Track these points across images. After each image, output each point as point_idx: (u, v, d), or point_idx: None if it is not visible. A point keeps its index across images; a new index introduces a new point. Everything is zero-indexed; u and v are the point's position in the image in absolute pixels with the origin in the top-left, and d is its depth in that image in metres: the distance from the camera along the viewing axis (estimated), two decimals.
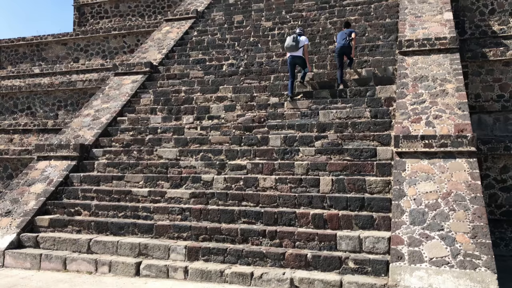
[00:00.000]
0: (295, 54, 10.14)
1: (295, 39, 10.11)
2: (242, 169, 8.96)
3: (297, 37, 10.21)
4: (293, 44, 10.05)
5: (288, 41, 10.19)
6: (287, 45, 10.17)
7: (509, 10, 12.37)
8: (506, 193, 8.70)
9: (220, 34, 14.32)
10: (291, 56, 10.19)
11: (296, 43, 10.07)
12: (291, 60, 10.18)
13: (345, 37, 10.44)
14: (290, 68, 10.17)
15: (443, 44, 10.04)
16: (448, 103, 8.53)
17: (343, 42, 10.34)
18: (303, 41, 10.18)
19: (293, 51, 10.12)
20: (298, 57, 10.17)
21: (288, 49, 10.19)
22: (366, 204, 7.45)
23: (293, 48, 10.07)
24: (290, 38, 10.20)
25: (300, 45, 10.14)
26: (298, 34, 10.33)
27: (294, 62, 10.19)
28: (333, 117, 9.64)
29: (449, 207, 6.67)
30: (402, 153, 7.78)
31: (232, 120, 10.40)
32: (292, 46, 10.06)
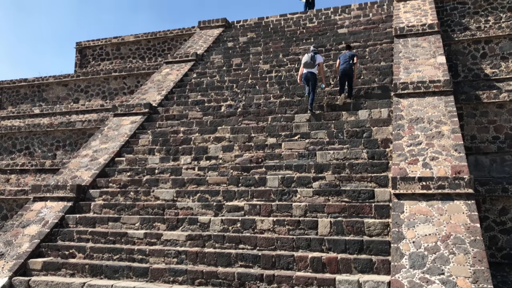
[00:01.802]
0: (311, 71, 10.99)
1: (312, 57, 11.02)
2: (239, 211, 8.89)
3: (314, 55, 11.10)
4: (310, 62, 10.97)
5: (306, 58, 11.07)
6: (305, 61, 11.03)
7: (500, 54, 12.72)
8: (506, 236, 8.61)
9: (219, 76, 14.61)
10: (307, 72, 11.02)
11: (313, 61, 11.01)
12: (306, 75, 11.02)
13: (347, 60, 11.17)
14: (306, 82, 11.07)
15: (438, 87, 10.24)
16: (444, 144, 8.60)
17: (346, 65, 11.07)
18: (319, 59, 11.14)
19: (309, 68, 11.00)
20: (312, 73, 11.00)
21: (305, 66, 11.05)
22: (365, 247, 7.34)
23: (310, 65, 10.99)
24: (308, 56, 11.09)
25: (316, 62, 11.05)
26: (314, 53, 11.18)
27: (309, 77, 11.00)
28: (330, 158, 9.68)
29: (449, 251, 6.58)
30: (400, 194, 7.77)
31: (230, 161, 10.42)
32: (310, 63, 10.97)
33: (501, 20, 14.54)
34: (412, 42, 12.91)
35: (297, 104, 11.95)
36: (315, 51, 11.28)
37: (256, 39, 17.06)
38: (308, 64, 11.05)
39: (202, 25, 19.18)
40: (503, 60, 12.70)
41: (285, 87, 12.90)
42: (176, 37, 19.66)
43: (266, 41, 16.51)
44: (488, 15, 14.81)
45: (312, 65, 11.03)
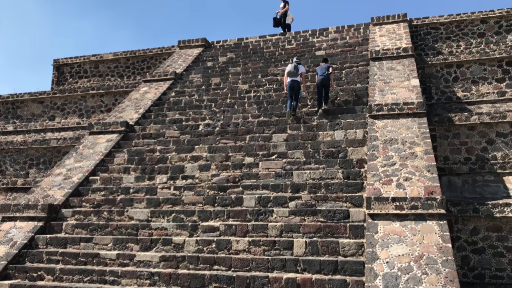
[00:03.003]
0: (295, 79, 11.90)
1: (295, 67, 11.97)
2: (215, 231, 8.79)
3: (297, 65, 12.04)
4: (294, 71, 11.92)
5: (290, 68, 12.03)
6: (289, 71, 11.96)
7: (471, 78, 13.14)
8: (478, 255, 8.73)
9: (198, 95, 14.63)
10: (291, 80, 11.88)
11: (296, 70, 11.94)
12: (291, 83, 11.86)
13: (324, 71, 12.02)
14: (290, 90, 11.87)
15: (411, 109, 10.47)
16: (417, 165, 8.75)
17: (323, 75, 11.92)
18: (302, 69, 12.12)
19: (293, 77, 11.91)
20: (296, 81, 11.90)
21: (289, 75, 11.96)
22: (340, 268, 7.33)
23: (294, 74, 11.92)
24: (291, 65, 12.04)
25: (299, 72, 11.99)
26: (297, 63, 12.12)
27: (293, 85, 11.85)
28: (307, 178, 9.72)
29: (422, 271, 6.63)
30: (374, 215, 7.83)
31: (206, 180, 10.35)
32: (294, 72, 11.92)
33: (472, 46, 15.07)
34: (387, 65, 13.23)
35: (275, 124, 12.03)
36: (298, 62, 12.22)
37: (236, 59, 17.22)
38: (292, 73, 11.91)
39: (182, 45, 19.28)
40: (474, 84, 13.11)
41: (263, 107, 12.99)
42: (155, 56, 19.68)
43: (245, 62, 16.67)
44: (459, 40, 15.34)
45: (296, 74, 11.91)
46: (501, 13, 14.93)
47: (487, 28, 15.11)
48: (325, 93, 11.99)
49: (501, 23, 14.98)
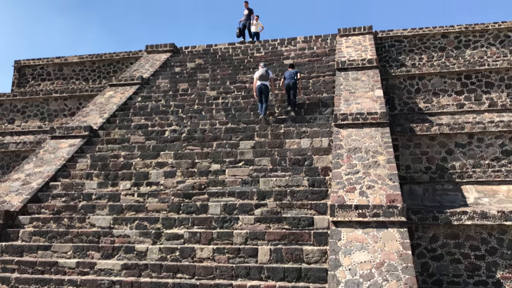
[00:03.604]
0: (265, 83, 12.38)
1: (266, 71, 12.54)
2: (179, 239, 8.67)
3: (267, 70, 12.63)
4: (265, 75, 12.46)
5: (260, 72, 12.55)
6: (261, 74, 12.46)
7: (432, 90, 13.61)
8: (437, 262, 8.99)
9: (165, 100, 14.47)
10: (261, 84, 12.33)
11: (266, 74, 12.49)
12: (261, 87, 12.31)
13: (292, 76, 12.51)
14: (259, 93, 12.30)
15: (375, 119, 10.73)
16: (380, 174, 8.96)
17: (290, 80, 12.45)
18: (271, 74, 12.73)
19: (264, 81, 12.40)
20: (266, 85, 12.37)
21: (260, 79, 12.44)
22: (303, 275, 7.38)
23: (265, 78, 12.44)
24: (262, 70, 12.57)
25: (269, 77, 12.56)
26: (267, 69, 12.68)
27: (262, 89, 12.30)
28: (273, 185, 9.76)
29: (383, 278, 6.77)
30: (337, 222, 7.94)
31: (171, 187, 10.22)
32: (264, 76, 12.45)
33: (433, 59, 15.64)
34: (352, 76, 13.53)
35: (242, 131, 12.04)
36: (267, 67, 12.93)
37: (204, 65, 17.17)
38: (263, 77, 12.42)
39: (150, 49, 19.06)
40: (434, 95, 13.58)
41: (231, 114, 12.99)
42: (122, 60, 19.36)
43: (214, 68, 16.66)
44: (422, 53, 15.89)
45: (266, 78, 12.45)
46: (460, 28, 15.58)
47: (448, 42, 15.73)
48: (293, 96, 12.53)
49: (461, 38, 15.62)
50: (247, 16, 19.33)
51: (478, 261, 8.87)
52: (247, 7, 19.47)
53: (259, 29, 19.44)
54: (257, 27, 19.36)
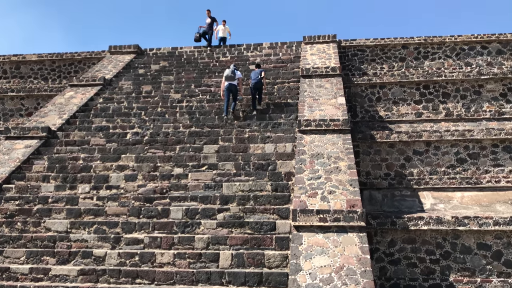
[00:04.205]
0: (232, 83, 12.71)
1: (233, 72, 12.83)
2: (139, 243, 8.50)
3: (235, 70, 12.92)
4: (232, 75, 12.75)
5: (228, 72, 12.83)
6: (227, 74, 12.76)
7: (392, 99, 14.03)
8: (394, 266, 9.24)
9: (127, 102, 14.20)
10: (229, 84, 12.65)
11: (234, 75, 12.79)
12: (228, 87, 12.62)
13: (258, 75, 12.97)
14: (227, 93, 12.62)
15: (337, 125, 10.94)
16: (341, 179, 9.13)
17: (256, 80, 12.91)
18: (239, 75, 13.06)
19: (230, 80, 12.73)
20: (234, 85, 12.71)
21: (227, 79, 12.74)
22: (265, 279, 7.40)
23: (232, 78, 12.75)
24: (229, 70, 12.86)
25: (236, 77, 12.84)
26: (234, 69, 12.97)
27: (230, 88, 12.65)
28: (236, 190, 9.75)
29: (342, 282, 6.88)
30: (299, 226, 8.01)
31: (132, 191, 10.01)
32: (231, 76, 12.74)
33: (394, 69, 16.14)
34: (316, 83, 13.76)
35: (206, 135, 11.98)
36: (235, 67, 13.09)
37: (169, 68, 16.99)
38: (230, 77, 12.74)
39: (113, 50, 18.67)
40: (394, 104, 14.01)
41: (195, 117, 12.90)
42: (84, 60, 18.84)
43: (179, 71, 16.50)
44: (383, 63, 16.36)
45: (233, 78, 12.77)
46: (420, 40, 16.17)
47: (408, 53, 16.28)
48: (259, 95, 13.07)
49: (420, 50, 16.22)
50: (209, 25, 18.95)
51: (433, 265, 9.18)
52: (209, 16, 19.10)
53: (226, 35, 19.32)
54: (224, 32, 19.25)
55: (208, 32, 18.85)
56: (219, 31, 19.20)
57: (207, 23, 19.03)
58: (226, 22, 19.46)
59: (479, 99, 13.46)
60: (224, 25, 19.35)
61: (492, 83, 13.51)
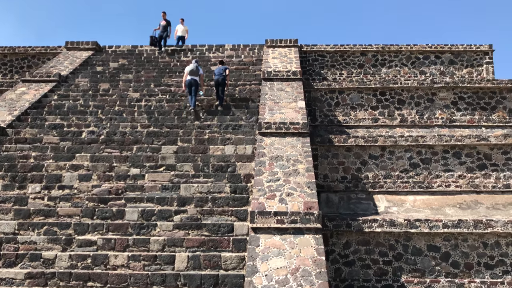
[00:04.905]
0: (195, 78, 13.03)
1: (196, 67, 13.19)
2: (92, 245, 8.23)
3: (198, 66, 13.29)
4: (195, 70, 13.11)
5: (191, 67, 13.17)
6: (191, 69, 13.08)
7: (350, 104, 14.37)
8: (349, 268, 9.43)
9: (83, 100, 13.76)
10: (191, 78, 12.96)
11: (197, 70, 13.16)
12: (191, 81, 12.93)
13: (222, 72, 13.28)
14: (189, 87, 12.94)
15: (296, 129, 11.07)
16: (299, 182, 9.23)
17: (220, 76, 13.24)
18: (201, 71, 13.41)
19: (194, 75, 13.03)
20: (196, 80, 13.02)
21: (190, 73, 13.04)
22: (221, 282, 7.35)
23: (195, 73, 13.08)
24: (192, 65, 13.21)
25: (199, 73, 13.22)
26: (197, 65, 13.31)
27: (192, 83, 12.92)
28: (194, 191, 9.65)
29: (297, 283, 6.94)
30: (257, 228, 8.02)
31: (86, 191, 9.69)
32: (195, 71, 13.08)
33: (353, 75, 16.55)
34: (277, 86, 13.87)
35: (165, 135, 11.79)
36: (197, 63, 13.36)
37: (128, 66, 16.62)
38: (193, 72, 13.03)
39: (70, 46, 18.05)
40: (352, 109, 14.34)
41: (154, 117, 12.67)
42: (38, 55, 18.12)
43: (138, 70, 16.18)
44: (342, 69, 16.74)
45: (196, 73, 13.09)
46: (378, 48, 16.67)
47: (366, 60, 16.74)
48: (221, 91, 13.31)
49: (377, 57, 16.71)
50: (164, 27, 18.26)
51: (386, 266, 9.44)
52: (164, 18, 18.46)
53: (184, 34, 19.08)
54: (183, 31, 19.03)
55: (162, 35, 18.13)
56: (178, 30, 18.95)
57: (161, 25, 18.28)
58: (184, 20, 19.24)
59: (432, 107, 14.03)
60: (182, 23, 19.11)
61: (444, 92, 14.10)
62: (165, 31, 18.23)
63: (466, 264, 9.35)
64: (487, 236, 9.44)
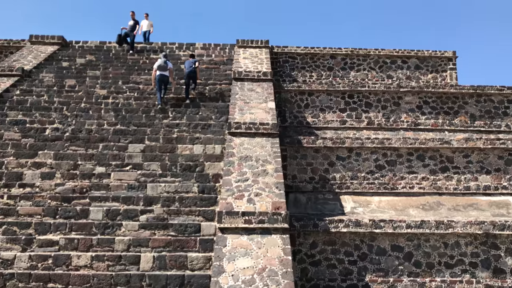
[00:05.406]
0: (164, 73, 12.99)
1: (165, 62, 13.09)
2: (53, 245, 8.00)
3: (166, 61, 13.19)
4: (164, 65, 13.02)
5: (160, 62, 13.05)
6: (160, 64, 12.98)
7: (320, 106, 14.54)
8: (315, 268, 9.54)
9: (48, 96, 13.35)
10: (160, 74, 12.91)
11: (166, 65, 13.06)
12: (160, 77, 12.91)
13: (192, 65, 13.44)
14: (158, 83, 12.91)
15: (266, 129, 11.11)
16: (267, 182, 9.26)
17: (191, 69, 13.40)
18: (170, 65, 13.33)
19: (163, 71, 12.98)
20: (165, 75, 13.01)
21: (159, 69, 12.96)
22: (186, 282, 7.29)
23: (164, 68, 13.01)
24: (161, 60, 13.09)
25: (168, 67, 13.11)
26: (166, 59, 13.22)
27: (162, 78, 12.95)
28: (161, 191, 9.52)
29: (263, 283, 6.96)
30: (224, 228, 8.00)
31: (49, 189, 9.40)
32: (164, 66, 13.00)
33: (322, 77, 16.75)
34: (248, 86, 13.88)
35: (132, 133, 11.58)
36: (166, 58, 13.32)
37: (96, 62, 16.24)
38: (162, 67, 12.96)
39: (34, 40, 17.46)
40: (321, 111, 14.52)
41: (121, 115, 12.43)
42: (0, 48, 17.44)
43: (106, 66, 15.84)
44: (312, 71, 16.92)
45: (165, 68, 13.03)
46: (347, 51, 16.95)
47: (335, 63, 16.99)
48: (193, 83, 13.54)
49: (346, 60, 16.99)
50: (131, 27, 17.57)
51: (351, 266, 9.60)
52: (133, 18, 17.79)
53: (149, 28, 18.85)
54: (148, 26, 18.80)
55: (130, 34, 17.43)
56: (143, 26, 18.76)
57: (129, 25, 17.61)
58: (148, 15, 19.03)
59: (398, 110, 14.37)
60: (146, 18, 18.91)
61: (410, 96, 14.48)
62: (132, 31, 17.50)
63: (428, 264, 9.62)
64: (448, 237, 9.76)
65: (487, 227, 9.67)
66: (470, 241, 9.76)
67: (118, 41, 17.41)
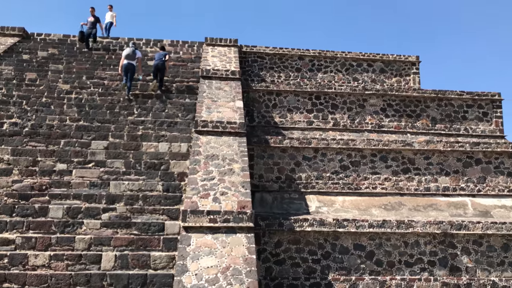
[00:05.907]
0: (131, 62, 13.03)
1: (133, 51, 13.12)
2: (9, 244, 7.69)
3: (135, 50, 13.21)
4: (132, 55, 13.04)
5: (128, 51, 13.09)
6: (127, 54, 12.99)
7: (287, 107, 14.64)
8: (279, 266, 9.60)
9: (6, 89, 12.83)
10: (128, 62, 12.94)
11: (134, 54, 13.08)
12: (127, 65, 12.93)
13: (162, 57, 13.52)
14: (125, 71, 12.95)
15: (233, 128, 11.09)
16: (234, 181, 9.24)
17: (159, 61, 13.46)
18: (139, 54, 13.40)
19: (130, 60, 13.01)
20: (132, 64, 13.04)
21: (126, 57, 12.98)
22: (149, 281, 7.17)
23: (131, 57, 13.03)
24: (129, 49, 13.14)
25: (136, 56, 13.17)
26: (134, 48, 13.28)
27: (129, 67, 12.93)
28: (124, 189, 9.33)
29: (227, 282, 6.94)
30: (188, 227, 7.92)
31: (5, 186, 9.04)
32: (131, 55, 13.03)
33: (290, 78, 16.88)
34: (216, 85, 13.80)
35: (96, 130, 11.30)
36: (135, 47, 13.35)
37: (59, 56, 15.73)
38: (130, 56, 12.96)
39: None
40: (289, 111, 14.64)
41: (84, 111, 12.10)
42: None
43: (70, 60, 15.37)
44: (280, 71, 17.01)
45: (133, 57, 13.02)
46: (315, 53, 17.14)
47: (303, 64, 17.15)
48: (161, 77, 13.49)
49: (314, 62, 17.18)
50: (92, 24, 16.79)
51: (314, 265, 9.72)
52: (93, 15, 17.03)
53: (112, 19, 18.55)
54: (111, 17, 18.48)
55: (91, 32, 16.64)
56: (107, 17, 18.46)
57: (89, 22, 16.80)
58: (112, 7, 18.67)
59: (363, 112, 14.67)
60: (110, 10, 18.58)
61: (374, 98, 14.80)
62: (93, 28, 16.73)
63: (389, 262, 9.87)
64: (408, 236, 10.04)
65: (445, 227, 10.02)
66: (429, 240, 10.09)
67: (80, 38, 16.61)
